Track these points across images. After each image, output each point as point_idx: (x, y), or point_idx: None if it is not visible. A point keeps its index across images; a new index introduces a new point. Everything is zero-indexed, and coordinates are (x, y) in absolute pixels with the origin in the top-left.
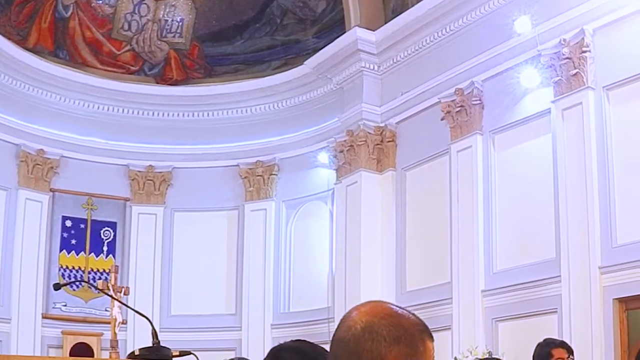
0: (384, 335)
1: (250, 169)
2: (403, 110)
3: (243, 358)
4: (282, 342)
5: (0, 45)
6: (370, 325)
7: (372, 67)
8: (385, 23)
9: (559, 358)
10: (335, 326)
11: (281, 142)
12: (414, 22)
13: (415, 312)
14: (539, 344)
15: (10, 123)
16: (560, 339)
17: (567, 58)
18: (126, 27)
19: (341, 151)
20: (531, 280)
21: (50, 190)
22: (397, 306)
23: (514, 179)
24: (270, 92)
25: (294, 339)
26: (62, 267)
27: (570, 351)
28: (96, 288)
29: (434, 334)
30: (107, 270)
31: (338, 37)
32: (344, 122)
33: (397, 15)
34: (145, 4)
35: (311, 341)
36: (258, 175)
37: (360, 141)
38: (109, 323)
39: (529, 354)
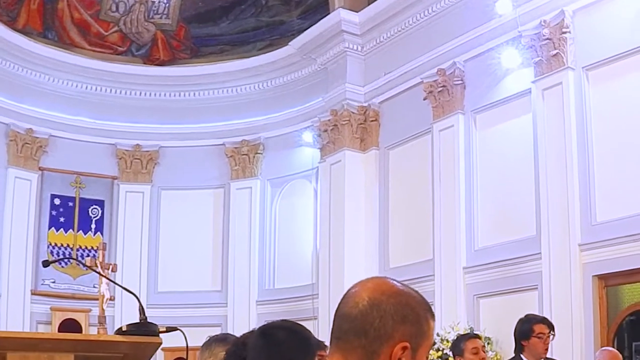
0: (392, 313)
1: (235, 147)
2: (386, 90)
3: (228, 334)
4: (267, 319)
5: None
6: (377, 303)
7: (355, 47)
8: (369, 4)
9: (540, 333)
10: (319, 299)
11: (266, 122)
12: (397, 3)
13: None
14: (520, 320)
15: (0, 103)
16: (542, 315)
17: (547, 39)
18: (114, 8)
19: (325, 130)
20: (512, 257)
21: (39, 169)
22: (401, 283)
23: (495, 157)
24: (256, 72)
25: (278, 315)
26: (50, 244)
27: (551, 327)
28: (84, 265)
29: None
30: (95, 248)
31: (322, 18)
32: (328, 102)
33: None
34: None
35: (296, 317)
36: (243, 154)
37: (344, 120)
38: (97, 299)
39: (510, 330)
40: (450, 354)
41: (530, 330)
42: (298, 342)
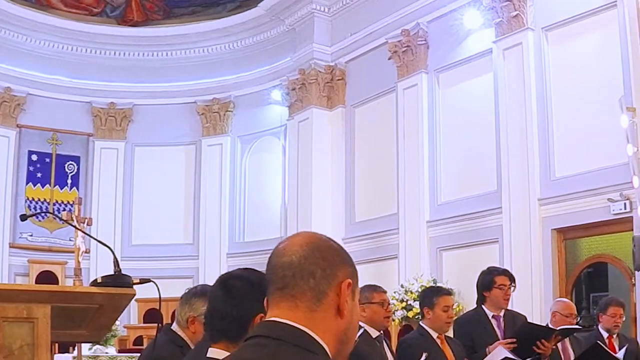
0: (332, 254)
1: (207, 105)
2: (352, 50)
3: (205, 285)
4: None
5: None
6: (316, 247)
7: (322, 9)
8: None
9: (501, 285)
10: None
11: (236, 81)
12: None
13: (364, 242)
14: (482, 272)
15: None
16: (503, 267)
17: (507, 0)
18: None
19: (293, 89)
20: (474, 211)
21: (17, 126)
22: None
23: (457, 115)
24: (226, 33)
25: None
26: (28, 199)
27: (512, 279)
28: (61, 219)
29: (381, 263)
30: (71, 202)
31: None
32: (296, 62)
33: None
34: None
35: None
36: (214, 112)
37: (312, 79)
38: (72, 252)
39: (472, 281)
40: (414, 304)
41: (492, 282)
42: (256, 293)
